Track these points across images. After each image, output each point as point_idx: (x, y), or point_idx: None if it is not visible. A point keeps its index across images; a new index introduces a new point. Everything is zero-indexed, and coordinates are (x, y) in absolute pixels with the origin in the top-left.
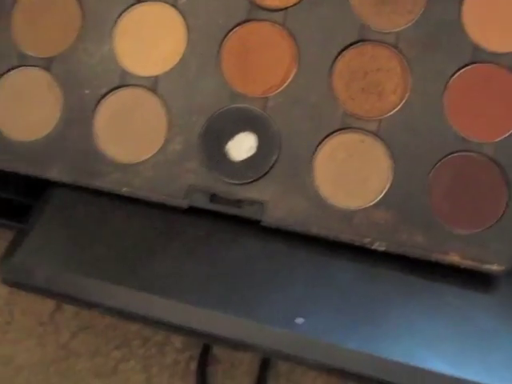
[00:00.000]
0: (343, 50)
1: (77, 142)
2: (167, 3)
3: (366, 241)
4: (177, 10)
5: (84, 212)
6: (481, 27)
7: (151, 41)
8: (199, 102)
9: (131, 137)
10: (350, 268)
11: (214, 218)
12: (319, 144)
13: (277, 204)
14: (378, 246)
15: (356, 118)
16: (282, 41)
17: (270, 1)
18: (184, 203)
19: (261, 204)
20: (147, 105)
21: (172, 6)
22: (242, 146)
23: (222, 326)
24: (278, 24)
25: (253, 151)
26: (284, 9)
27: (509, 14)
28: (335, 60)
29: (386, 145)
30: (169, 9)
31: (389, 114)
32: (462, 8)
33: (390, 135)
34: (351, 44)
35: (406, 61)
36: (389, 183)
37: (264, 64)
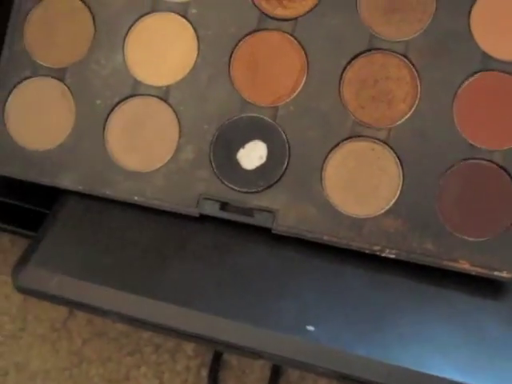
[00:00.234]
0: (353, 59)
1: (89, 152)
2: (178, 14)
3: (376, 248)
4: (187, 21)
5: (96, 220)
6: (490, 35)
7: (162, 51)
8: (210, 111)
9: (143, 146)
10: (361, 275)
11: (226, 226)
12: (329, 152)
13: (287, 212)
14: (388, 254)
15: (366, 127)
16: (292, 50)
17: (280, 10)
18: (195, 212)
19: (271, 212)
20: (159, 114)
21: (183, 17)
22: (253, 155)
23: (233, 334)
24: (288, 33)
25: (263, 160)
26: (294, 18)
27: None
28: (345, 69)
29: (396, 153)
30: (179, 19)
31: (398, 123)
32: (471, 16)
33: (400, 143)
34: (361, 53)
35: (416, 69)
36: (398, 191)
37: (274, 73)
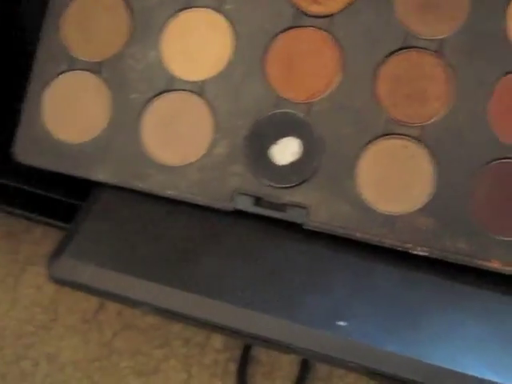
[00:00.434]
0: (387, 57)
1: (123, 145)
2: (213, 9)
3: (408, 246)
4: (223, 16)
5: (130, 212)
6: None
7: (198, 46)
8: (245, 107)
9: (177, 140)
10: (392, 272)
11: (258, 221)
12: (362, 149)
13: (320, 208)
14: (420, 252)
15: (399, 124)
16: (327, 47)
17: (315, 7)
18: (230, 206)
19: (304, 208)
20: (193, 109)
21: (218, 12)
22: (286, 151)
23: (265, 327)
24: (323, 30)
25: (297, 156)
26: (329, 15)
27: None
28: (379, 66)
29: (429, 151)
30: (215, 14)
31: (432, 121)
32: (507, 14)
33: (433, 141)
34: (395, 50)
35: (450, 67)
36: (431, 189)
37: (308, 70)
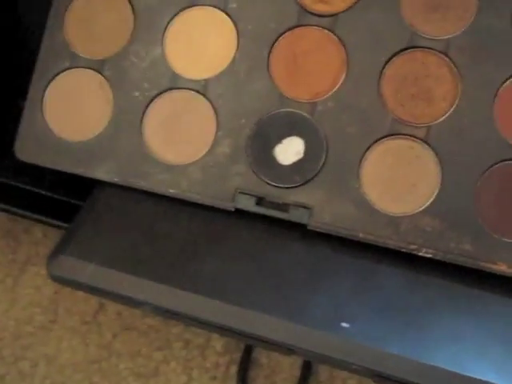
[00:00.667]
0: (393, 57)
1: (126, 143)
2: (218, 7)
3: (413, 248)
4: (227, 15)
5: (131, 212)
6: None
7: (201, 44)
8: (248, 106)
9: (180, 139)
10: (396, 274)
11: (261, 221)
12: (367, 150)
13: (323, 208)
14: (425, 254)
15: (405, 125)
16: (332, 46)
17: (320, 6)
18: (231, 206)
19: (307, 208)
20: (197, 107)
21: (222, 11)
22: (290, 151)
23: (267, 328)
24: (328, 29)
25: (300, 155)
26: (334, 14)
27: None
28: (384, 66)
29: (435, 151)
30: (219, 13)
31: (438, 121)
32: None
33: (439, 142)
34: (401, 50)
35: (457, 68)
36: (436, 190)
37: (313, 69)
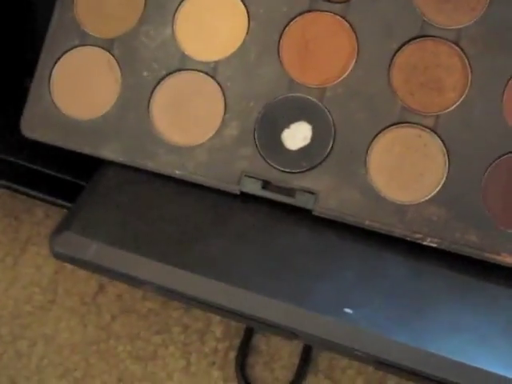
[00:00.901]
0: (403, 45)
1: (133, 123)
2: None
3: (418, 236)
4: None
5: (136, 192)
6: None
7: (212, 26)
8: (257, 89)
9: (188, 120)
10: (401, 262)
11: (266, 205)
12: (375, 137)
13: (329, 194)
14: (430, 243)
15: (414, 113)
16: (343, 33)
17: None
18: (236, 189)
19: (313, 194)
20: (205, 89)
21: None
22: (298, 135)
23: (270, 311)
24: (340, 16)
25: (308, 141)
26: (346, 1)
27: None
28: (395, 54)
29: (443, 141)
30: None
31: (447, 111)
32: None
33: (447, 131)
34: (412, 39)
35: (467, 58)
36: (443, 179)
37: (323, 54)
